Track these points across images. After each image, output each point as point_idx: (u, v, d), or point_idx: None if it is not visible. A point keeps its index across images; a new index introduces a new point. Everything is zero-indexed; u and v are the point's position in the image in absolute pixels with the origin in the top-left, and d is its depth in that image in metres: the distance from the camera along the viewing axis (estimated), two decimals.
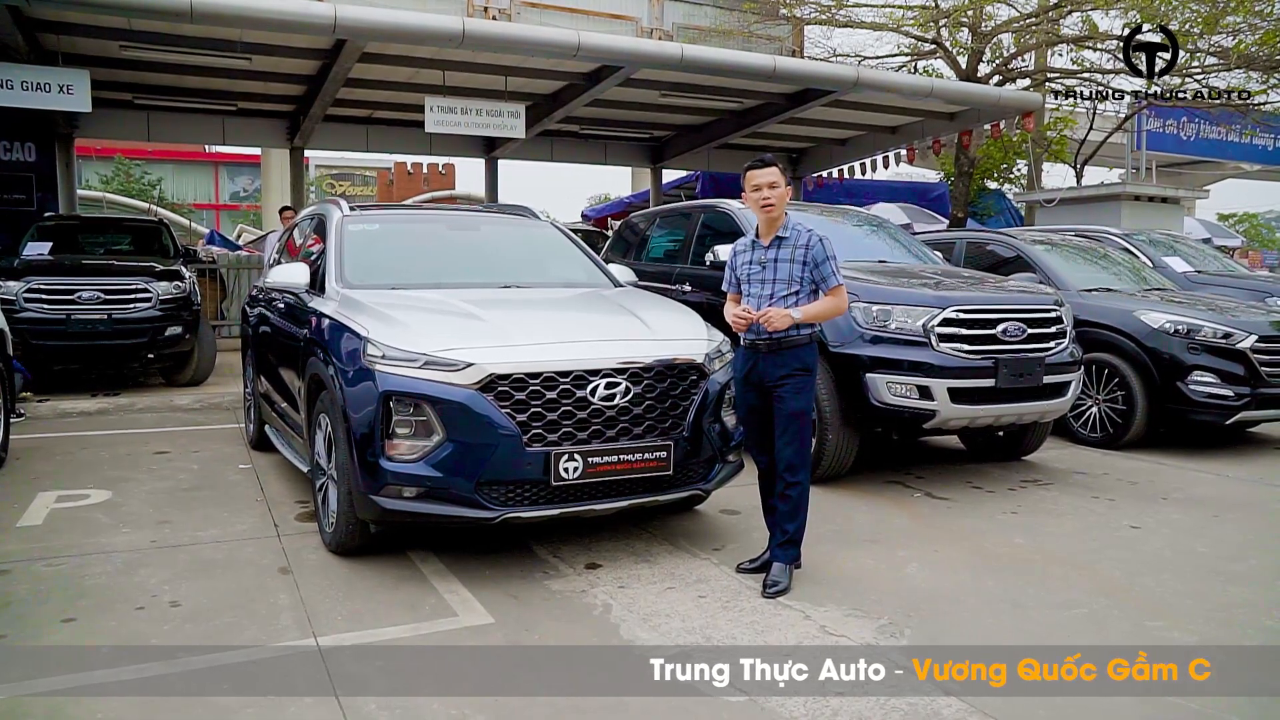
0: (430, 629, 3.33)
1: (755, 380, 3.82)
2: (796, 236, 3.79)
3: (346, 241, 4.93)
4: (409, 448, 3.63)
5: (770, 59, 10.81)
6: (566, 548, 4.22)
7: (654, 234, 8.03)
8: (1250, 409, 6.38)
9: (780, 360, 3.75)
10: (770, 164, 3.81)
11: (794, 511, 3.76)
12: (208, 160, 39.58)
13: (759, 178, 3.77)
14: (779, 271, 3.77)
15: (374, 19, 8.85)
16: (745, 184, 3.83)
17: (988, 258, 8.05)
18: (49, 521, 4.61)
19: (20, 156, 12.11)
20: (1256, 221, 36.10)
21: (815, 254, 3.75)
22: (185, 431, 7.13)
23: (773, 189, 3.76)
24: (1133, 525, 4.79)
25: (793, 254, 3.76)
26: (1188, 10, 13.49)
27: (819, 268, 3.75)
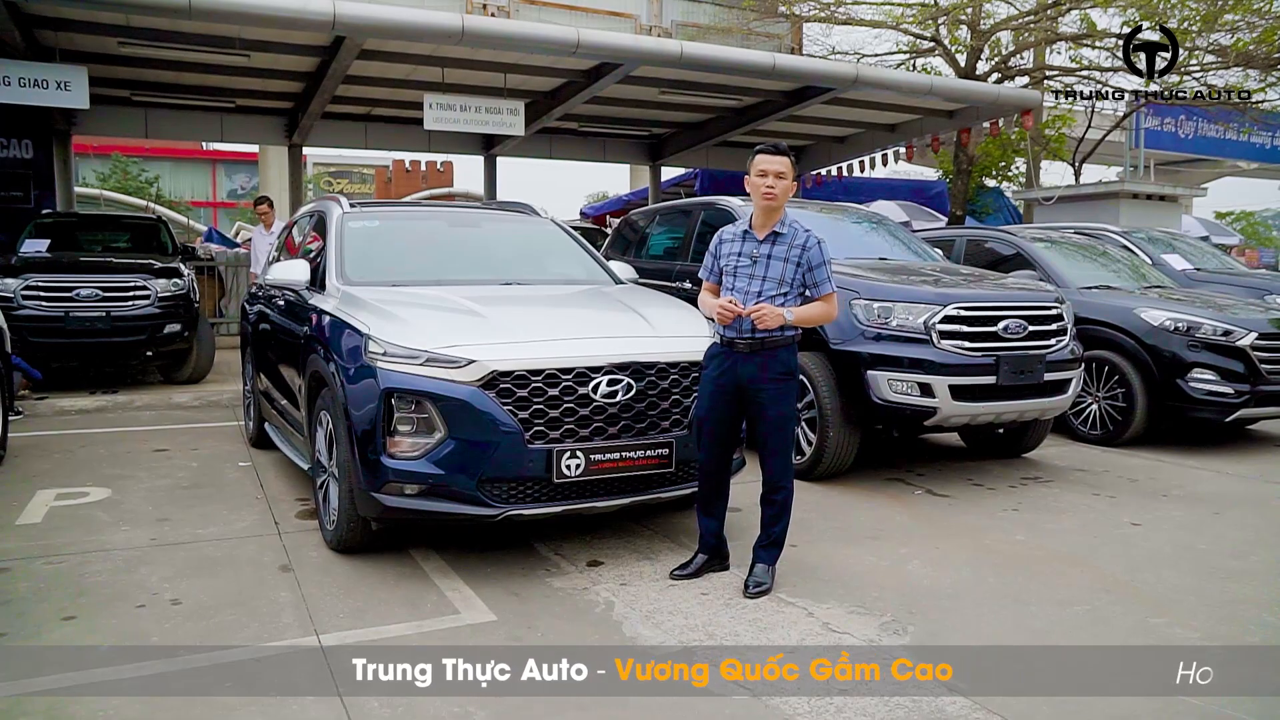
0: (432, 626, 3.33)
1: (730, 382, 3.62)
2: (794, 235, 3.60)
3: (347, 238, 4.91)
4: (411, 445, 3.62)
5: (770, 56, 10.79)
6: (568, 545, 4.22)
7: (654, 231, 8.03)
8: (1250, 406, 6.38)
9: (761, 362, 3.57)
10: (783, 152, 3.58)
11: (780, 515, 3.72)
12: (205, 158, 39.44)
13: (767, 163, 3.54)
14: (771, 269, 3.58)
15: (373, 15, 8.82)
16: (751, 168, 3.59)
17: (987, 255, 8.05)
18: (48, 519, 4.60)
19: (17, 154, 12.06)
20: (1253, 220, 36.12)
21: (811, 257, 3.58)
22: (184, 429, 7.11)
23: (779, 179, 3.54)
24: (1133, 522, 4.79)
25: (788, 253, 3.58)
26: (1186, 8, 13.50)
27: (813, 271, 3.59)
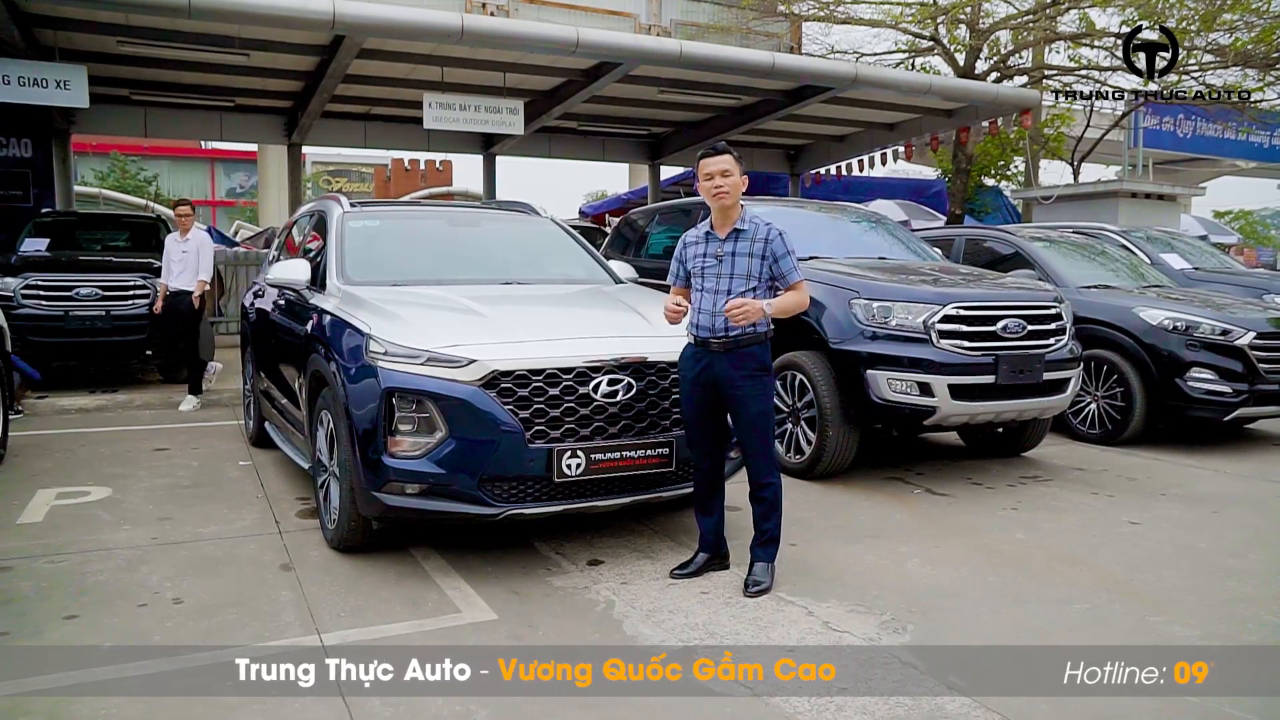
0: (434, 625, 3.33)
1: (707, 381, 3.64)
2: (755, 230, 3.63)
3: (347, 238, 4.92)
4: (412, 444, 3.63)
5: (770, 56, 10.81)
6: (568, 544, 4.22)
7: (653, 231, 8.02)
8: (1248, 405, 6.39)
9: (736, 360, 3.59)
10: (723, 151, 3.66)
11: (770, 511, 3.73)
12: (203, 156, 39.43)
13: (710, 165, 3.62)
14: (737, 266, 3.61)
15: (373, 14, 8.83)
16: (698, 174, 3.68)
17: (986, 254, 8.05)
18: (49, 518, 4.60)
19: (17, 152, 12.06)
20: (1251, 219, 36.13)
21: (775, 248, 3.61)
22: (184, 428, 7.11)
23: (725, 177, 3.59)
24: (1132, 521, 4.81)
25: (751, 248, 3.61)
26: (1185, 8, 13.51)
27: (779, 262, 3.62)
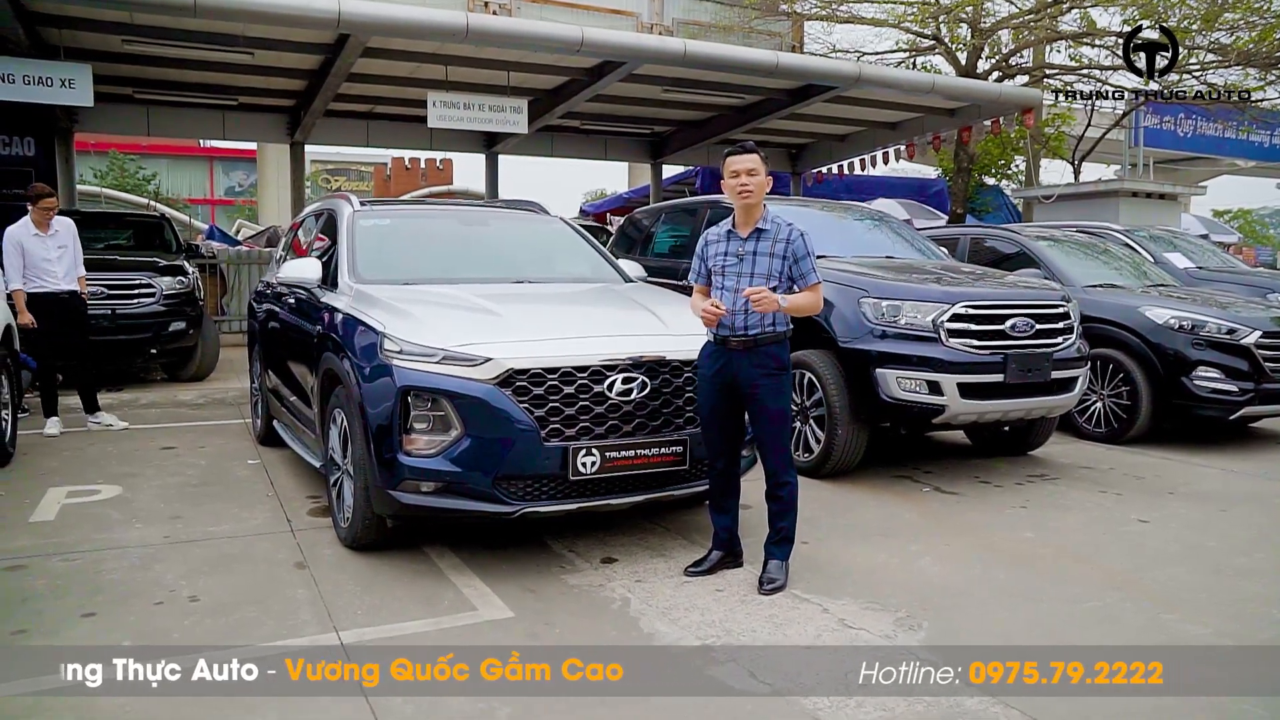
0: (450, 623, 3.34)
1: (725, 379, 3.67)
2: (777, 230, 3.67)
3: (358, 237, 4.92)
4: (427, 443, 3.64)
5: (773, 55, 10.82)
6: (581, 542, 4.24)
7: (659, 230, 8.04)
8: (1254, 404, 6.42)
9: (755, 359, 3.62)
10: (750, 150, 3.67)
11: (786, 509, 3.74)
12: (202, 155, 39.37)
13: (737, 164, 3.64)
14: (758, 265, 3.64)
15: (377, 13, 8.83)
16: (724, 172, 3.70)
17: (991, 253, 8.07)
18: (61, 517, 4.61)
19: (20, 151, 12.03)
20: (1251, 218, 36.18)
21: (796, 249, 3.64)
22: (191, 427, 7.11)
23: (751, 176, 3.61)
24: (1141, 519, 4.83)
25: (772, 247, 3.64)
26: (1186, 7, 13.54)
27: (799, 263, 3.65)
